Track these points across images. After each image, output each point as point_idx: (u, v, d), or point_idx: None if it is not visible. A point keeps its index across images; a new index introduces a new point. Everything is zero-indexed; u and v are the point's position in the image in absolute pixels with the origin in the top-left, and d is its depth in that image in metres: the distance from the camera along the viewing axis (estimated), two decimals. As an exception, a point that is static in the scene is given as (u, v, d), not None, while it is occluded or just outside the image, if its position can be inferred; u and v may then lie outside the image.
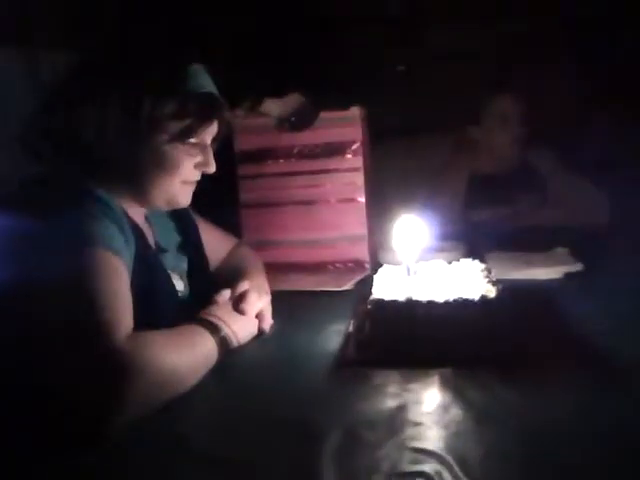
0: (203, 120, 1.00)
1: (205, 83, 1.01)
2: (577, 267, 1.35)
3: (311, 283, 1.41)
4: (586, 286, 1.25)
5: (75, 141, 0.93)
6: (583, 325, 1.01)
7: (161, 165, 0.98)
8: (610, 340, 0.94)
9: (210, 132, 1.04)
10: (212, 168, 1.04)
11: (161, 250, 1.09)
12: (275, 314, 1.12)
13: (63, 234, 0.83)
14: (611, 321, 1.03)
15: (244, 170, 1.57)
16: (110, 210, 0.89)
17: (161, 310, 0.97)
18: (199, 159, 1.02)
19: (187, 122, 0.98)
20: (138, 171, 0.98)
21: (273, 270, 1.47)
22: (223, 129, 1.07)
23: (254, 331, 1.04)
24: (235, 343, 0.97)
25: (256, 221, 1.56)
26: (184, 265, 1.15)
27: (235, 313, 1.00)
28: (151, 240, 1.06)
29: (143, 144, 0.96)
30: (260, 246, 1.49)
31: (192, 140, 1.00)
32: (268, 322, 1.08)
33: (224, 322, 0.95)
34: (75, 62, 0.99)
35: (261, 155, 1.56)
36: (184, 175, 1.01)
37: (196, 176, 1.04)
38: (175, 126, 0.97)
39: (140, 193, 1.01)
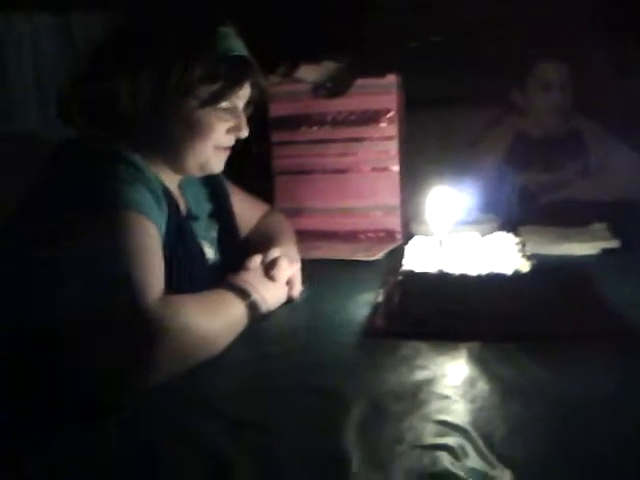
0: (233, 83, 0.99)
1: (235, 45, 1.00)
2: (614, 243, 1.32)
3: (342, 252, 1.41)
4: (623, 263, 1.22)
5: (109, 110, 0.94)
6: (618, 303, 0.99)
7: (194, 130, 0.98)
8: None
9: (242, 96, 1.03)
10: (245, 133, 1.04)
11: (192, 218, 1.09)
12: (305, 282, 1.12)
13: (96, 197, 0.84)
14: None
15: (277, 137, 1.57)
16: (143, 175, 0.90)
17: (191, 277, 0.98)
18: (232, 124, 1.02)
19: (217, 86, 0.97)
20: (171, 137, 0.99)
21: (304, 238, 1.47)
22: (256, 93, 1.06)
23: (283, 297, 1.05)
24: (264, 309, 0.97)
25: (289, 188, 1.56)
26: (214, 233, 1.16)
27: (265, 279, 1.01)
28: (183, 207, 1.07)
29: (175, 109, 0.96)
30: (292, 213, 1.49)
31: (224, 104, 0.99)
32: (297, 289, 1.08)
33: (254, 287, 0.96)
34: (105, 32, 0.99)
35: (295, 122, 1.55)
36: (217, 140, 1.01)
37: (229, 141, 1.04)
38: (206, 90, 0.96)
39: (174, 159, 1.01)
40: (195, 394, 0.76)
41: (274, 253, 1.07)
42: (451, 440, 0.62)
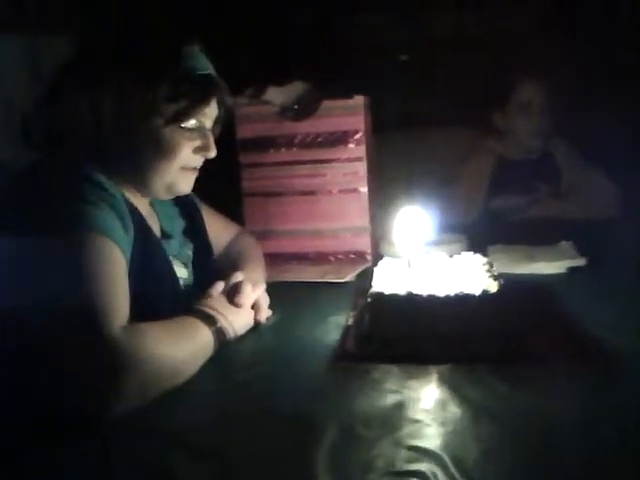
0: (199, 102, 0.98)
1: (200, 64, 0.99)
2: (581, 261, 1.33)
3: (312, 274, 1.40)
4: (589, 281, 1.23)
5: (73, 133, 0.92)
6: (586, 321, 1.00)
7: (159, 150, 0.96)
8: (613, 336, 0.93)
9: (209, 115, 1.02)
10: (212, 153, 1.02)
11: (166, 236, 1.07)
12: (275, 305, 1.11)
13: (59, 219, 0.82)
14: (614, 317, 1.01)
15: (246, 158, 1.55)
16: (109, 196, 0.88)
17: (162, 297, 0.96)
18: (199, 143, 1.00)
19: (182, 104, 0.95)
20: (137, 158, 0.97)
21: (274, 260, 1.46)
22: (223, 113, 1.05)
23: (250, 322, 1.03)
24: (232, 334, 0.96)
25: (258, 210, 1.55)
26: (189, 251, 1.15)
27: (230, 305, 0.99)
28: (155, 226, 1.05)
29: (140, 129, 0.94)
30: (261, 236, 1.48)
31: (191, 124, 0.98)
32: (264, 313, 1.07)
33: (220, 314, 0.94)
34: (70, 54, 0.98)
35: (263, 143, 1.54)
36: (183, 160, 0.99)
37: (196, 162, 1.02)
38: (171, 109, 0.95)
39: (140, 181, 0.99)
40: (159, 423, 0.74)
41: (237, 277, 1.05)
42: (422, 466, 0.62)
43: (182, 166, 1.00)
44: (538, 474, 0.62)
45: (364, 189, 1.50)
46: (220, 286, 1.02)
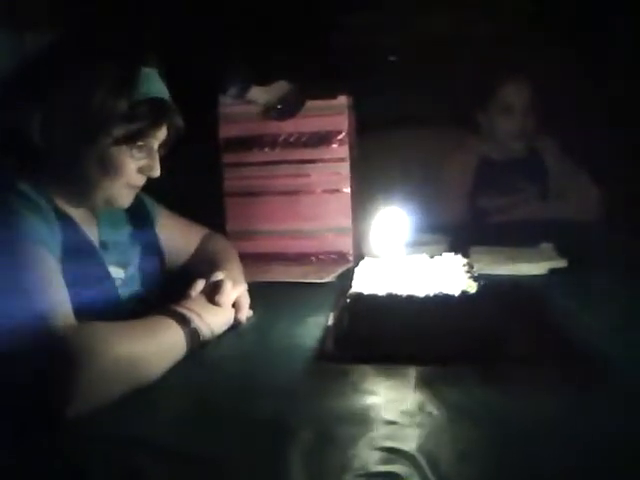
0: (150, 126, 0.98)
1: (156, 88, 1.00)
2: (562, 263, 1.34)
3: (293, 274, 1.40)
4: (570, 283, 1.24)
5: (18, 138, 0.92)
6: (566, 322, 1.00)
7: (105, 167, 0.97)
8: (593, 337, 0.93)
9: (159, 137, 1.02)
10: (156, 172, 1.02)
11: (103, 246, 1.07)
12: (255, 305, 1.10)
13: None
14: (594, 318, 1.02)
15: (228, 158, 1.55)
16: (32, 204, 0.89)
17: (95, 302, 0.95)
18: (144, 163, 1.01)
19: (134, 126, 0.96)
20: (80, 172, 0.97)
21: (255, 260, 1.45)
22: (173, 134, 1.05)
23: (230, 321, 1.02)
24: (209, 335, 0.95)
25: (240, 210, 1.54)
26: (134, 256, 1.14)
27: (209, 305, 0.98)
28: (91, 233, 1.05)
29: (88, 144, 0.95)
30: (243, 236, 1.47)
31: (138, 145, 0.98)
32: (245, 312, 1.06)
33: (196, 314, 0.94)
34: (26, 59, 0.99)
35: (246, 143, 1.54)
36: (127, 178, 1.00)
37: (140, 180, 1.03)
38: (122, 129, 0.95)
39: (79, 192, 1.00)
40: (128, 423, 0.73)
41: (217, 276, 1.05)
42: (397, 468, 0.61)
43: (125, 183, 1.00)
44: (515, 476, 0.61)
45: (347, 189, 1.50)
46: (199, 285, 1.02)
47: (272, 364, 0.91)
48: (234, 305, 1.04)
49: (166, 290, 1.12)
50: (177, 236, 1.25)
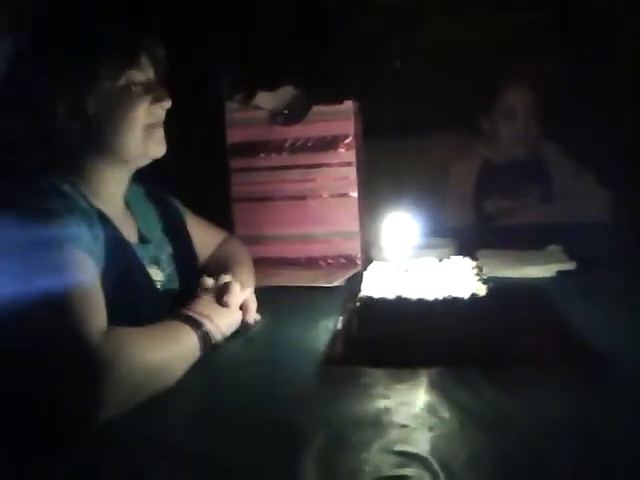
0: (127, 58, 0.99)
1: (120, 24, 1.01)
2: (570, 265, 1.33)
3: (302, 279, 1.40)
4: (578, 285, 1.24)
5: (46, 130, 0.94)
6: (575, 325, 1.00)
7: (117, 113, 0.98)
8: (602, 340, 0.93)
9: (144, 70, 1.02)
10: (167, 101, 1.03)
11: (144, 240, 1.08)
12: (264, 310, 1.11)
13: (29, 234, 0.82)
14: (604, 321, 1.02)
15: (236, 163, 1.55)
16: (76, 206, 0.89)
17: (138, 303, 0.96)
18: (151, 96, 1.01)
19: (116, 59, 0.97)
20: (99, 131, 0.98)
21: (264, 265, 1.46)
22: (159, 66, 1.05)
23: (238, 322, 1.03)
24: (219, 337, 0.96)
25: (247, 215, 1.54)
26: (167, 252, 1.14)
27: (217, 306, 0.99)
28: (131, 230, 1.06)
29: (92, 99, 0.96)
30: (251, 241, 1.47)
31: (137, 80, 0.99)
32: (252, 314, 1.07)
33: (206, 317, 0.94)
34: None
35: (253, 148, 1.54)
36: (144, 117, 1.00)
37: (156, 116, 1.03)
38: (110, 70, 0.97)
39: (114, 154, 1.00)
40: (144, 428, 0.73)
41: (224, 279, 1.06)
42: (410, 471, 0.61)
43: (146, 124, 1.01)
44: (526, 479, 0.62)
45: (354, 194, 1.50)
46: (208, 282, 1.03)
47: (282, 368, 0.92)
48: (241, 308, 1.05)
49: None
50: (200, 237, 1.26)
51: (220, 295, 1.01)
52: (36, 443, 0.69)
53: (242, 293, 1.05)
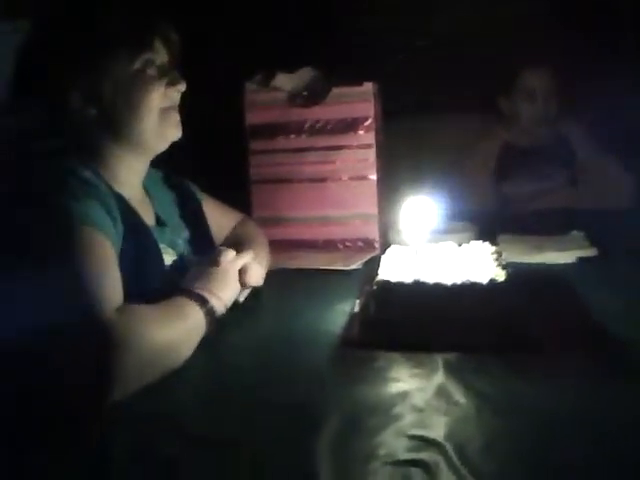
0: (141, 41, 1.00)
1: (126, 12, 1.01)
2: (592, 252, 1.32)
3: (320, 261, 1.40)
4: (600, 271, 1.22)
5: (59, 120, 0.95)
6: (595, 312, 0.98)
7: (133, 97, 0.98)
8: (622, 327, 0.91)
9: (158, 51, 1.02)
10: (182, 84, 1.04)
11: (161, 223, 1.09)
12: (282, 291, 1.10)
13: (48, 216, 0.84)
14: (624, 308, 1.00)
15: (255, 145, 1.55)
16: (94, 188, 0.90)
17: (153, 284, 0.96)
18: (165, 80, 1.02)
19: (129, 42, 0.98)
20: (116, 116, 0.99)
21: (282, 247, 1.46)
22: (174, 50, 1.05)
23: (237, 290, 1.02)
24: (223, 311, 0.95)
25: (266, 197, 1.54)
26: (184, 236, 1.14)
27: (212, 276, 0.97)
28: (148, 213, 1.07)
29: (107, 83, 0.97)
30: (269, 223, 1.47)
31: (149, 61, 0.99)
32: (250, 278, 1.04)
33: (210, 292, 0.93)
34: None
35: (272, 130, 1.53)
36: (159, 100, 1.01)
37: (172, 99, 1.03)
38: (124, 54, 0.98)
39: (130, 139, 1.01)
40: (156, 409, 0.74)
41: (244, 256, 1.04)
42: (424, 455, 0.61)
43: (161, 108, 1.01)
44: (541, 464, 0.61)
45: (373, 176, 1.49)
46: (230, 254, 1.02)
47: (298, 351, 0.91)
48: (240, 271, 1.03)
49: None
50: (216, 218, 1.26)
51: (239, 274, 1.01)
52: (48, 423, 0.69)
53: (240, 258, 1.04)
